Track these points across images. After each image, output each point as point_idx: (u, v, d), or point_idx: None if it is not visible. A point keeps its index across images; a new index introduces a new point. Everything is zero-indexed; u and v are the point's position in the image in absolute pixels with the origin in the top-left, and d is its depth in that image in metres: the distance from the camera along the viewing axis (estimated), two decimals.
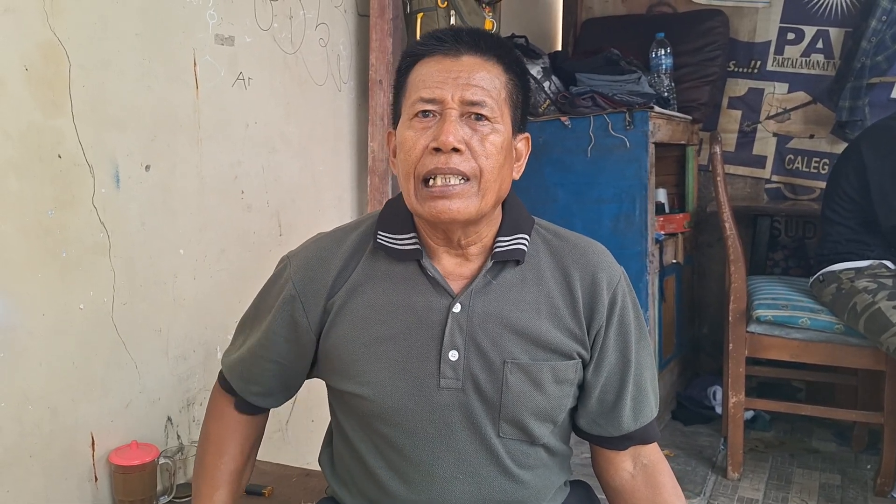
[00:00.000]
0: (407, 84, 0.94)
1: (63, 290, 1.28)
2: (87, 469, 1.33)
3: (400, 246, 0.96)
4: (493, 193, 0.91)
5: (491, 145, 0.89)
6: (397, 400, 0.94)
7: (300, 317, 0.98)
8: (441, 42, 0.92)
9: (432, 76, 0.90)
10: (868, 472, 2.42)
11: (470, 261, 0.97)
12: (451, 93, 0.89)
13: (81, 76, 1.30)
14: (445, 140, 0.87)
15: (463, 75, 0.89)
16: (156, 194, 1.46)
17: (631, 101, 2.45)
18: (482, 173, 0.89)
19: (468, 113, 0.89)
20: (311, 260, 1.00)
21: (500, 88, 0.91)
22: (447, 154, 0.87)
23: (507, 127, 0.92)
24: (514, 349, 0.94)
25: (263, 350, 1.03)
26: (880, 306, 2.08)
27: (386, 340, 0.95)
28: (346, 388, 0.97)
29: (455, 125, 0.88)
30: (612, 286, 0.98)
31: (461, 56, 0.91)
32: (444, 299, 0.94)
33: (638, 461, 1.04)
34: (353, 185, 2.12)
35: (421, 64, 0.93)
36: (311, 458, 1.82)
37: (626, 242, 2.45)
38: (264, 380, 1.05)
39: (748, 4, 3.09)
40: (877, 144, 2.23)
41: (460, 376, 0.93)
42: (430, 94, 0.89)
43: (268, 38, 1.75)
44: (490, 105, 0.89)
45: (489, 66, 0.91)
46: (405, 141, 0.91)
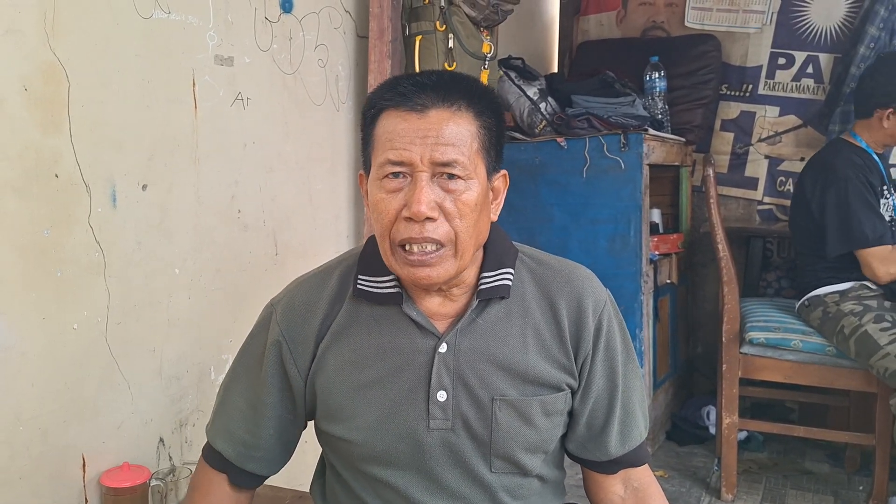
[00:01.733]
0: (374, 138, 0.90)
1: (57, 310, 1.27)
2: (77, 491, 1.31)
3: (380, 290, 0.95)
4: (471, 249, 0.90)
5: (465, 205, 0.87)
6: (387, 444, 0.93)
7: (289, 364, 0.97)
8: (404, 98, 0.87)
9: (399, 135, 0.86)
10: (861, 494, 2.43)
11: (454, 300, 0.96)
12: (420, 154, 0.85)
13: (80, 96, 1.30)
14: (418, 210, 0.84)
15: (431, 134, 0.85)
16: (152, 214, 1.46)
17: (626, 124, 2.48)
18: (457, 236, 0.87)
19: (440, 173, 0.86)
20: (297, 304, 0.98)
21: (471, 140, 0.87)
22: (420, 223, 0.85)
23: (482, 177, 0.89)
24: (503, 385, 0.93)
25: (258, 404, 0.99)
26: (867, 329, 2.10)
27: (373, 385, 0.93)
28: (334, 432, 0.96)
29: (426, 191, 0.85)
30: (598, 311, 0.97)
31: (427, 111, 0.86)
32: (430, 340, 0.93)
33: (629, 484, 1.03)
34: (350, 205, 2.13)
35: (386, 116, 0.88)
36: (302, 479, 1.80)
37: (622, 262, 2.46)
38: (265, 440, 1.00)
39: (740, 29, 3.13)
40: (815, 178, 2.31)
41: (450, 416, 0.92)
42: (398, 157, 0.85)
43: (267, 59, 1.76)
44: (462, 162, 0.86)
45: (457, 118, 0.87)
46: (377, 203, 0.88)
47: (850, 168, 2.23)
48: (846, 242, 2.20)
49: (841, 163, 2.26)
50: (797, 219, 2.41)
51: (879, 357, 2.05)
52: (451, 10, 2.03)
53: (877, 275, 2.19)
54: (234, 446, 1.01)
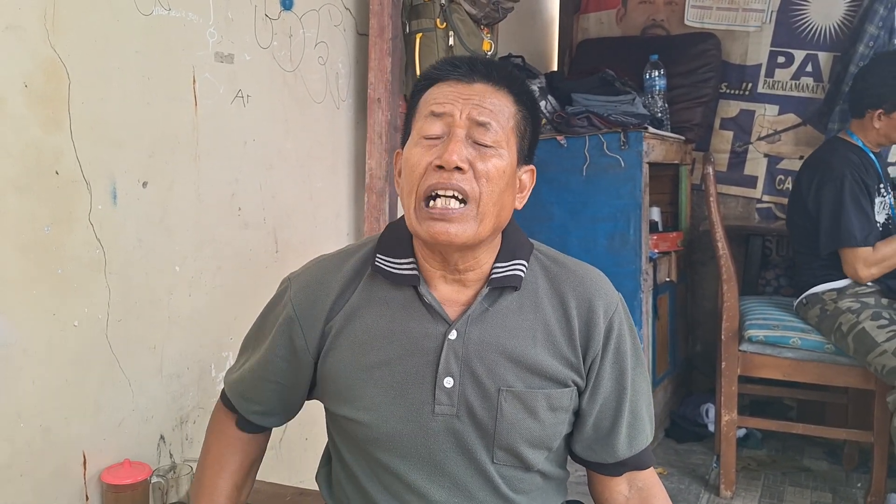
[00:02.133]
0: (419, 104, 0.95)
1: (58, 308, 1.27)
2: (78, 488, 1.32)
3: (398, 270, 0.97)
4: (492, 219, 0.91)
5: (494, 168, 0.90)
6: (392, 425, 0.94)
7: (298, 339, 0.99)
8: (456, 68, 0.94)
9: (444, 94, 0.92)
10: (859, 491, 2.44)
11: (467, 287, 0.97)
12: (461, 110, 0.90)
13: (81, 93, 1.30)
14: (449, 158, 0.87)
15: (474, 97, 0.91)
16: (153, 211, 1.46)
17: (626, 122, 2.48)
18: (481, 197, 0.89)
19: (474, 138, 0.90)
20: (312, 283, 1.00)
21: (508, 117, 0.92)
22: (450, 172, 0.88)
23: (512, 155, 0.92)
24: (509, 377, 0.94)
25: (264, 370, 1.03)
26: (864, 326, 2.11)
27: (382, 366, 0.95)
28: (342, 412, 0.97)
29: (460, 144, 0.89)
30: (609, 314, 0.98)
31: (474, 82, 0.93)
32: (441, 326, 0.94)
33: (633, 485, 1.04)
34: (351, 202, 2.13)
35: (435, 87, 0.95)
36: (304, 476, 1.81)
37: (621, 260, 2.47)
38: (265, 399, 1.05)
39: (740, 28, 3.13)
40: (812, 176, 2.32)
41: (455, 403, 0.93)
42: (441, 109, 0.91)
43: (267, 56, 1.76)
44: (495, 129, 0.90)
45: (499, 95, 0.93)
46: (410, 157, 0.92)
47: (846, 166, 2.24)
48: (836, 240, 2.21)
49: (838, 161, 2.26)
50: (794, 217, 2.42)
51: (877, 354, 2.06)
52: (451, 8, 2.02)
53: (858, 275, 2.21)
54: (238, 398, 1.07)
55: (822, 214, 2.24)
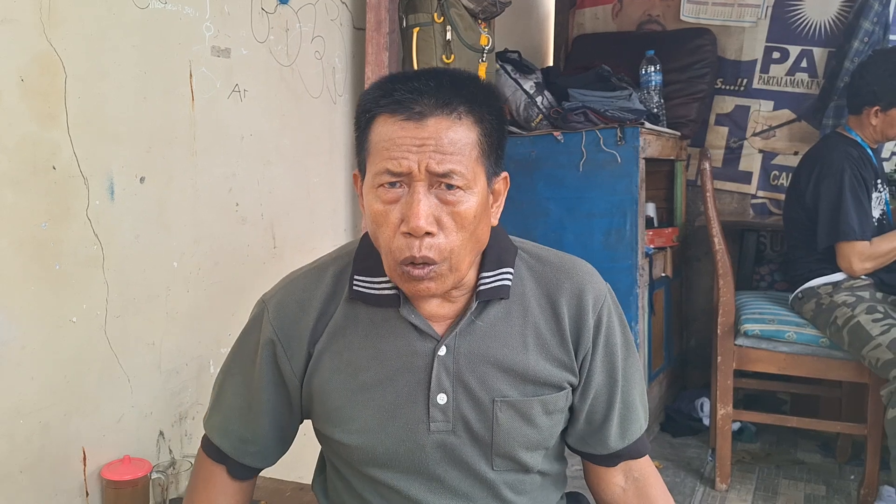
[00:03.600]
0: (369, 143, 0.87)
1: (56, 304, 1.26)
2: (78, 484, 1.31)
3: (377, 291, 0.93)
4: (468, 260, 0.88)
5: (463, 218, 0.84)
6: (387, 446, 0.92)
7: (283, 363, 0.95)
8: (401, 105, 0.83)
9: (396, 144, 0.83)
10: (852, 483, 2.45)
11: (453, 301, 0.94)
12: (418, 162, 0.82)
13: (77, 87, 1.29)
14: (416, 225, 0.81)
15: (430, 143, 0.82)
16: (150, 207, 1.45)
17: (622, 117, 2.48)
18: (452, 251, 0.85)
19: (438, 183, 0.83)
20: (289, 303, 0.96)
21: (471, 148, 0.84)
22: (420, 239, 0.83)
23: (482, 186, 0.86)
24: (503, 387, 0.92)
25: (253, 401, 0.98)
26: (859, 320, 2.13)
27: (372, 387, 0.92)
28: (333, 435, 0.95)
29: (423, 205, 0.82)
30: (598, 307, 0.96)
31: (426, 119, 0.82)
32: (429, 343, 0.92)
33: (629, 475, 1.04)
34: (348, 198, 2.12)
35: (382, 122, 0.85)
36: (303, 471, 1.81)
37: (617, 256, 2.47)
38: (261, 436, 1.00)
39: (735, 23, 3.14)
40: (811, 170, 2.33)
41: (450, 419, 0.92)
42: (396, 167, 0.82)
43: (264, 51, 1.75)
44: (461, 172, 0.83)
45: (457, 126, 0.83)
46: (375, 216, 0.86)
47: (845, 160, 2.25)
48: (834, 234, 2.23)
49: (837, 155, 2.28)
50: (791, 211, 2.43)
51: (871, 348, 2.07)
52: (448, 2, 2.02)
53: (853, 268, 2.22)
54: (230, 441, 1.00)
55: (821, 208, 2.26)
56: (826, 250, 2.28)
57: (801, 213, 2.36)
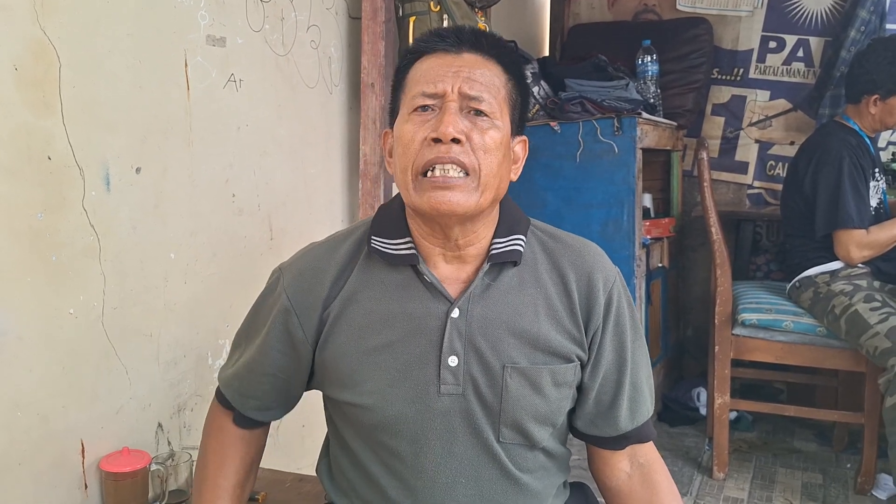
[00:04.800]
0: (406, 80, 0.94)
1: (53, 295, 1.25)
2: (77, 476, 1.30)
3: (395, 251, 0.95)
4: (492, 190, 0.91)
5: (490, 140, 0.89)
6: (398, 408, 0.93)
7: (295, 329, 0.97)
8: (442, 39, 0.92)
9: (433, 70, 0.90)
10: (849, 472, 2.47)
11: (467, 264, 0.96)
12: (452, 85, 0.89)
13: (72, 77, 1.27)
14: (445, 130, 0.86)
15: (464, 70, 0.90)
16: (147, 197, 1.44)
17: (619, 107, 2.47)
18: (481, 168, 0.88)
19: (468, 108, 0.89)
20: (305, 271, 0.98)
21: (499, 87, 0.92)
22: (447, 145, 0.87)
23: (506, 125, 0.92)
24: (514, 353, 0.93)
25: (259, 364, 1.01)
26: (857, 308, 2.13)
27: (384, 349, 0.93)
28: (345, 398, 0.96)
29: (455, 116, 0.88)
30: (608, 287, 0.97)
31: (462, 53, 0.91)
32: (442, 305, 0.93)
33: (634, 461, 1.04)
34: (345, 189, 2.11)
35: (421, 61, 0.93)
36: (303, 462, 1.81)
37: (615, 246, 2.47)
38: (262, 394, 1.03)
39: (732, 13, 3.13)
40: (809, 158, 2.34)
41: (460, 381, 0.92)
42: (431, 88, 0.89)
43: (259, 40, 1.73)
44: (489, 101, 0.89)
45: (489, 65, 0.92)
46: (403, 134, 0.90)
47: (844, 148, 2.25)
48: (833, 222, 2.23)
49: (836, 143, 2.28)
50: (789, 200, 2.43)
51: (869, 336, 2.08)
52: None
53: (850, 256, 2.23)
54: (235, 395, 1.05)
55: (820, 196, 2.26)
56: (824, 239, 2.28)
57: (799, 201, 2.36)
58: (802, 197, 2.34)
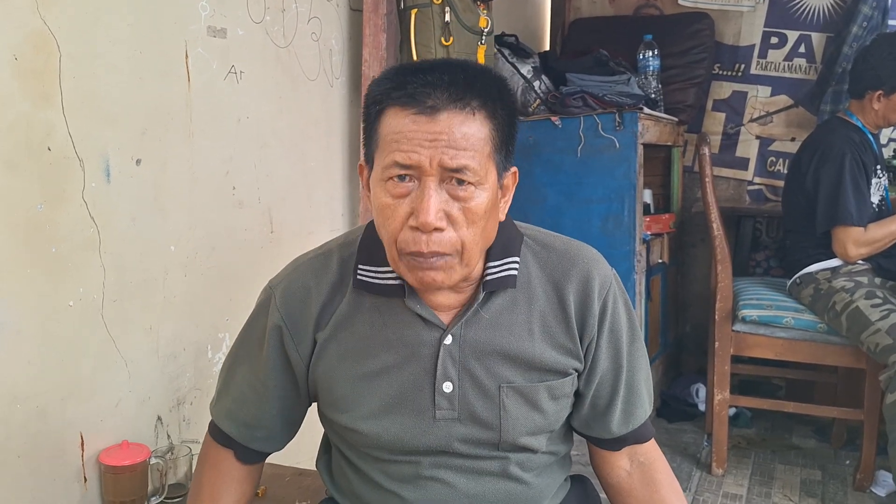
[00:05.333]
0: (378, 135, 0.84)
1: (52, 287, 1.24)
2: (76, 470, 1.30)
3: (382, 281, 0.92)
4: (477, 255, 0.87)
5: (473, 214, 0.83)
6: (393, 434, 0.92)
7: (290, 348, 0.95)
8: (413, 98, 0.80)
9: (406, 137, 0.80)
10: (847, 468, 2.47)
11: (459, 292, 0.93)
12: (430, 157, 0.80)
13: (72, 67, 1.26)
14: (426, 220, 0.80)
15: (442, 137, 0.80)
16: (147, 189, 1.43)
17: (621, 102, 2.46)
18: (464, 246, 0.84)
19: (449, 178, 0.81)
20: (297, 289, 0.96)
21: (484, 142, 0.82)
22: (428, 234, 0.81)
23: (492, 182, 0.85)
24: (509, 374, 0.92)
25: (262, 386, 0.98)
26: (858, 305, 2.13)
27: (378, 375, 0.92)
28: (339, 421, 0.95)
29: (434, 200, 0.80)
30: (604, 292, 0.95)
31: (438, 114, 0.80)
32: (435, 332, 0.92)
33: (634, 459, 1.04)
34: (345, 182, 2.10)
35: (392, 115, 0.82)
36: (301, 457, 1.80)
37: (615, 242, 2.47)
38: (267, 420, 1.00)
39: (733, 8, 3.12)
40: (812, 154, 2.33)
41: (456, 407, 0.92)
42: (406, 160, 0.80)
43: (260, 31, 1.72)
44: (473, 168, 0.81)
45: (470, 121, 0.81)
46: (382, 209, 0.84)
47: (847, 145, 2.24)
48: (832, 218, 2.22)
49: (839, 140, 2.27)
50: (791, 196, 2.42)
51: (870, 333, 2.08)
52: None
53: (848, 253, 2.22)
54: (237, 427, 1.01)
55: (821, 192, 2.25)
56: (824, 235, 2.28)
57: (800, 197, 2.36)
58: (804, 193, 2.33)
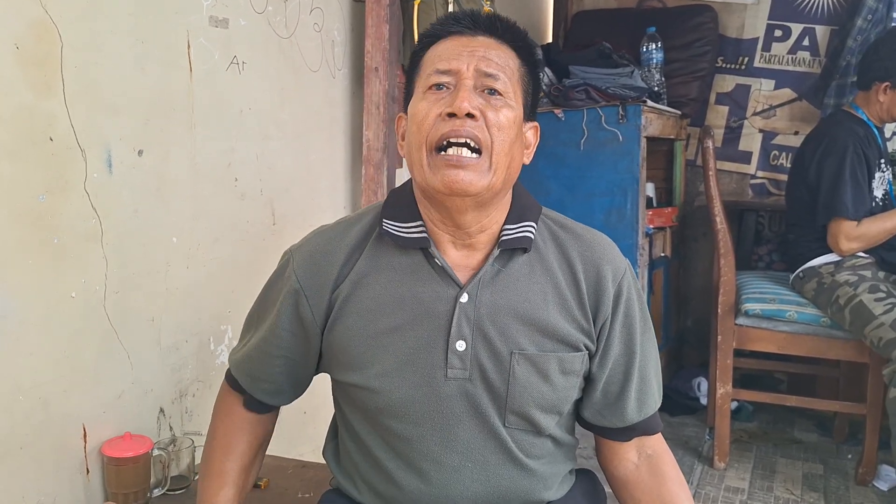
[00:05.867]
0: (422, 62, 0.95)
1: (55, 278, 1.24)
2: (79, 461, 1.29)
3: (406, 234, 0.95)
4: (503, 170, 0.90)
5: (504, 118, 0.89)
6: (404, 391, 0.93)
7: (305, 311, 0.97)
8: (458, 22, 0.94)
9: (448, 50, 0.92)
10: (849, 462, 2.47)
11: (477, 251, 0.96)
12: (468, 63, 0.90)
13: (74, 57, 1.25)
14: (461, 105, 0.87)
15: (480, 49, 0.91)
16: (149, 180, 1.42)
17: (624, 95, 2.45)
18: (493, 146, 0.88)
19: (482, 86, 0.90)
20: (315, 253, 0.98)
21: (514, 69, 0.92)
22: (462, 119, 0.87)
23: (519, 107, 0.93)
24: (522, 339, 0.93)
25: (270, 346, 1.01)
26: (862, 299, 2.12)
27: (392, 332, 0.93)
28: (351, 380, 0.96)
29: (470, 93, 0.88)
30: (618, 278, 0.97)
31: (478, 35, 0.93)
32: (452, 289, 0.93)
33: (642, 452, 1.04)
34: (348, 174, 2.09)
35: (437, 45, 0.94)
36: (304, 449, 1.80)
37: (618, 235, 2.45)
38: (273, 376, 1.03)
39: (737, 0, 3.10)
40: (816, 146, 2.32)
41: (468, 366, 0.92)
42: (447, 66, 0.90)
43: (262, 22, 1.71)
44: (503, 80, 0.90)
45: (504, 49, 0.93)
46: (418, 112, 0.91)
47: (850, 138, 2.24)
48: (831, 210, 2.21)
49: (843, 133, 2.26)
50: (794, 189, 2.42)
51: (874, 327, 2.07)
52: None
53: (840, 247, 2.22)
54: (246, 378, 1.05)
55: (822, 185, 2.24)
56: (825, 229, 2.27)
57: (803, 191, 2.35)
58: (807, 186, 2.32)
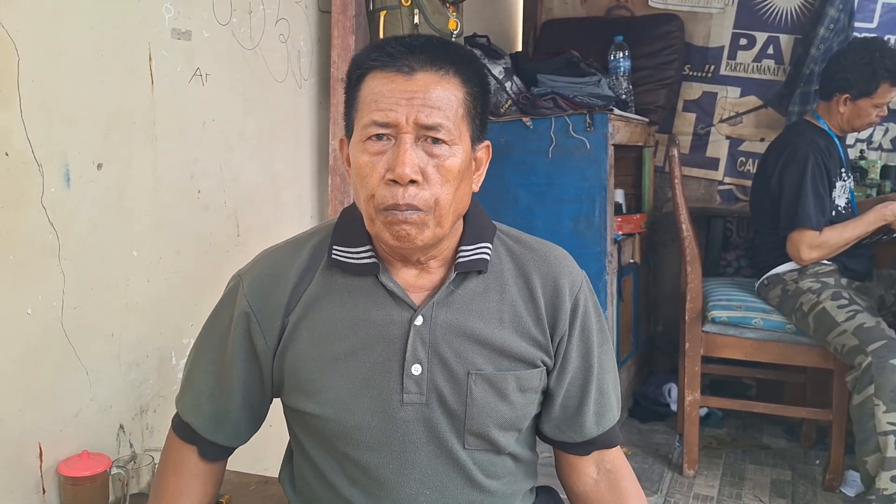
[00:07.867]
0: (358, 99, 0.89)
1: (10, 294, 1.22)
2: (34, 481, 1.27)
3: (356, 260, 0.94)
4: (450, 217, 0.89)
5: (448, 171, 0.86)
6: (359, 418, 0.91)
7: (257, 336, 0.95)
8: (392, 58, 0.86)
9: (384, 96, 0.85)
10: (817, 468, 2.50)
11: (430, 272, 0.95)
12: (406, 115, 0.84)
13: (31, 70, 1.23)
14: (402, 172, 0.83)
15: (418, 96, 0.85)
16: (108, 194, 1.40)
17: (591, 103, 2.48)
18: (437, 204, 0.86)
19: (424, 136, 0.85)
20: (265, 276, 0.96)
21: (457, 106, 0.87)
22: (404, 187, 0.84)
23: (466, 145, 0.89)
24: (478, 360, 0.92)
25: (225, 377, 0.98)
26: (825, 306, 2.15)
27: (346, 357, 0.92)
28: (304, 407, 0.94)
29: (410, 154, 0.84)
30: (574, 292, 0.97)
31: (415, 73, 0.85)
32: (406, 312, 0.92)
33: (601, 466, 1.04)
34: (314, 184, 2.09)
35: (372, 77, 0.88)
36: (267, 464, 1.78)
37: (586, 242, 2.48)
38: (231, 412, 0.99)
39: (703, 9, 3.15)
40: (777, 156, 2.36)
41: (424, 391, 0.91)
42: (384, 118, 0.85)
43: (226, 33, 1.70)
44: (447, 127, 0.86)
45: (445, 83, 0.86)
46: (360, 167, 0.87)
47: (811, 149, 2.27)
48: (793, 221, 2.24)
49: (804, 143, 2.30)
50: (757, 198, 2.46)
51: (837, 334, 2.10)
52: None
53: (801, 257, 2.24)
54: (202, 419, 1.00)
55: (784, 195, 2.28)
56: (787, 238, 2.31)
57: (766, 199, 2.38)
58: (769, 195, 2.36)
